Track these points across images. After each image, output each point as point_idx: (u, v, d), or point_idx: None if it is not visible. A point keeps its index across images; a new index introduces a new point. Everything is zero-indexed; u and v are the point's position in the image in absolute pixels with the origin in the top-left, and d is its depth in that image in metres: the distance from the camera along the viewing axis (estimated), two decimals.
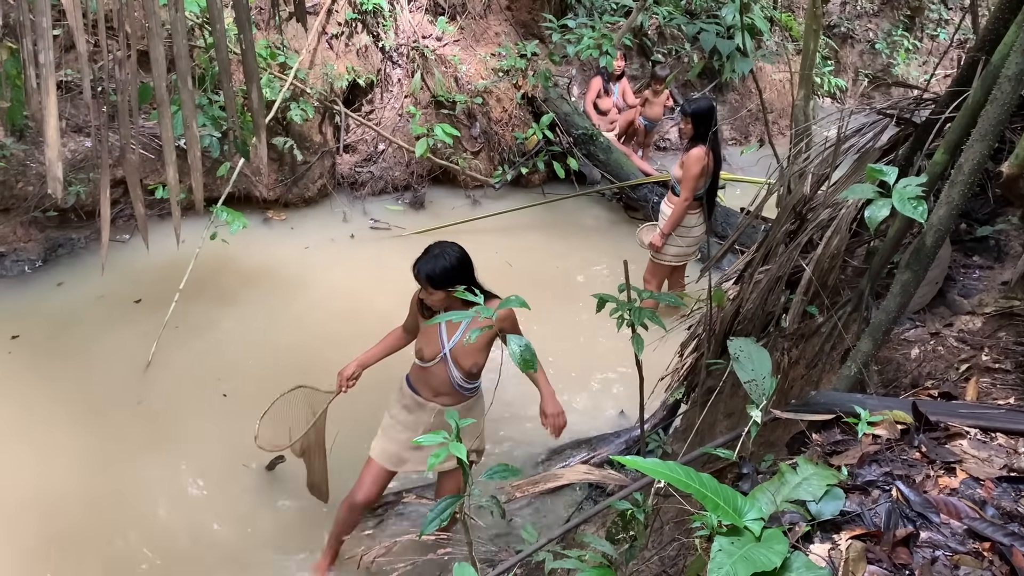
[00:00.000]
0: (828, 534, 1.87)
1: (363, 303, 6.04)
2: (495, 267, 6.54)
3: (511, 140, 8.02)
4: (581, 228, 7.50)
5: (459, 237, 6.88)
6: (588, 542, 2.57)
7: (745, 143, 9.78)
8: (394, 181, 7.73)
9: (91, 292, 5.80)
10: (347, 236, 6.99)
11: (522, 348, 2.08)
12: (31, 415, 4.61)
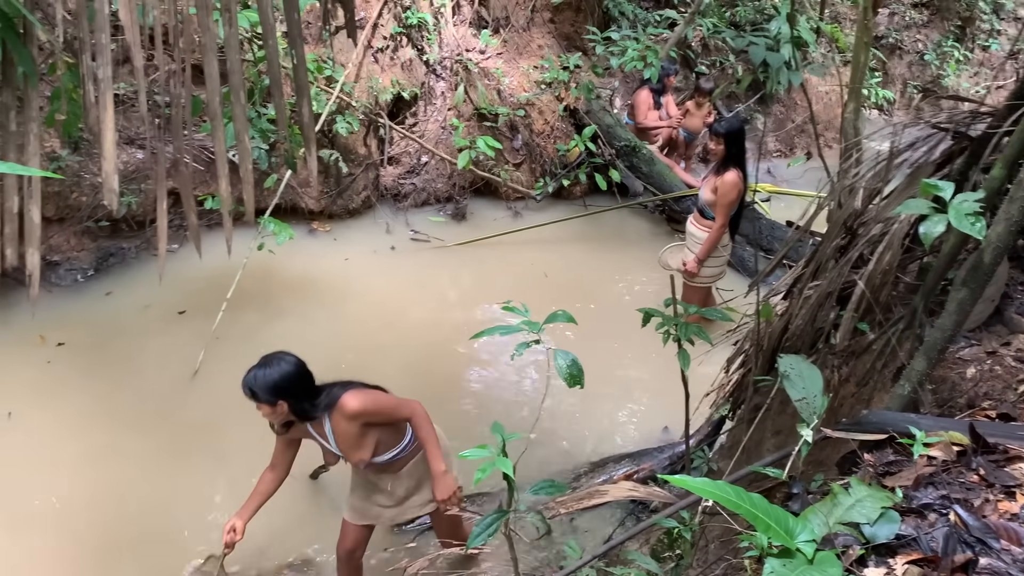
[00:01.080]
0: (883, 558, 1.83)
1: (402, 314, 6.09)
2: (532, 278, 6.54)
3: (553, 152, 8.02)
4: (623, 240, 7.47)
5: (499, 249, 7.01)
6: (633, 559, 2.54)
7: (790, 155, 9.67)
8: (436, 193, 7.77)
9: (138, 301, 5.91)
10: (388, 248, 7.05)
11: (569, 364, 2.07)
12: (79, 421, 4.71)
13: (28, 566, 3.83)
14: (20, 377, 5.04)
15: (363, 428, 3.16)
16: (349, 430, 3.13)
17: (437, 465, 3.26)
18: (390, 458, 3.30)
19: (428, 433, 3.25)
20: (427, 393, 5.13)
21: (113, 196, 2.60)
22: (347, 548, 3.58)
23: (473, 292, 6.57)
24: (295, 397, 3.07)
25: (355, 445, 3.19)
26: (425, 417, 3.26)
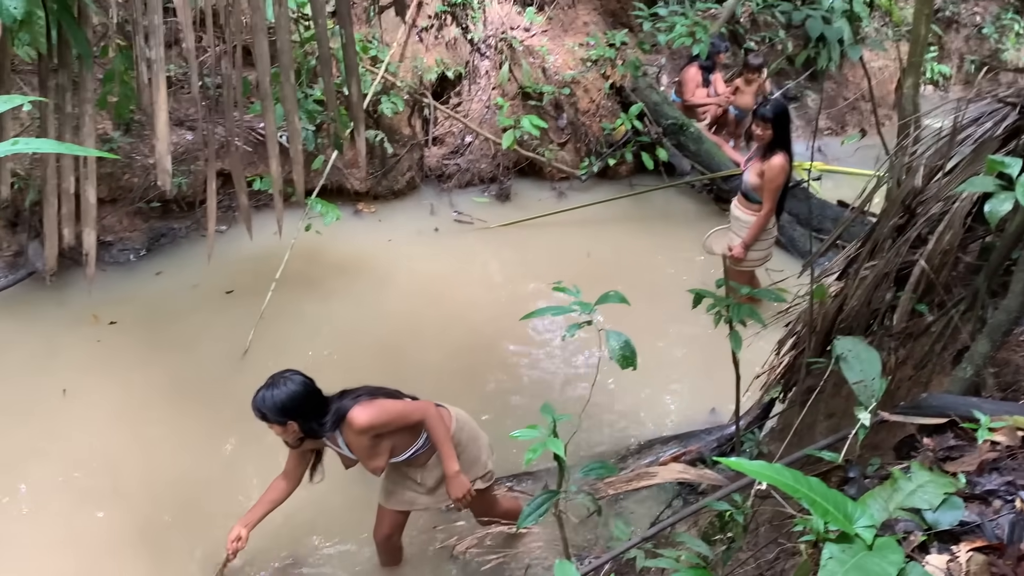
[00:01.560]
0: (946, 545, 1.78)
1: (447, 295, 6.10)
2: (577, 259, 6.49)
3: (598, 131, 7.94)
4: (670, 221, 7.38)
5: (544, 229, 6.97)
6: (683, 542, 2.52)
7: (842, 133, 9.44)
8: (480, 173, 7.75)
9: (187, 281, 6.00)
10: (432, 229, 7.06)
11: (622, 345, 2.05)
12: (132, 399, 4.80)
13: (87, 537, 3.93)
14: (74, 355, 5.16)
15: (375, 439, 3.16)
16: (361, 443, 3.13)
17: (450, 466, 3.25)
18: (410, 456, 3.30)
19: (440, 435, 3.23)
20: (472, 374, 5.18)
21: (166, 176, 2.63)
22: (384, 533, 3.62)
23: (517, 273, 6.56)
24: (303, 417, 3.07)
25: (370, 455, 3.19)
26: (436, 418, 3.24)
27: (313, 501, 3.88)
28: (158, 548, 3.89)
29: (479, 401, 4.93)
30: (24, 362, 5.04)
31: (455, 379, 5.11)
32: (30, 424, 4.55)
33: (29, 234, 5.81)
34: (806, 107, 9.46)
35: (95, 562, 3.80)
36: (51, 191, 2.81)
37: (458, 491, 3.26)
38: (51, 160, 2.83)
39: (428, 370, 5.17)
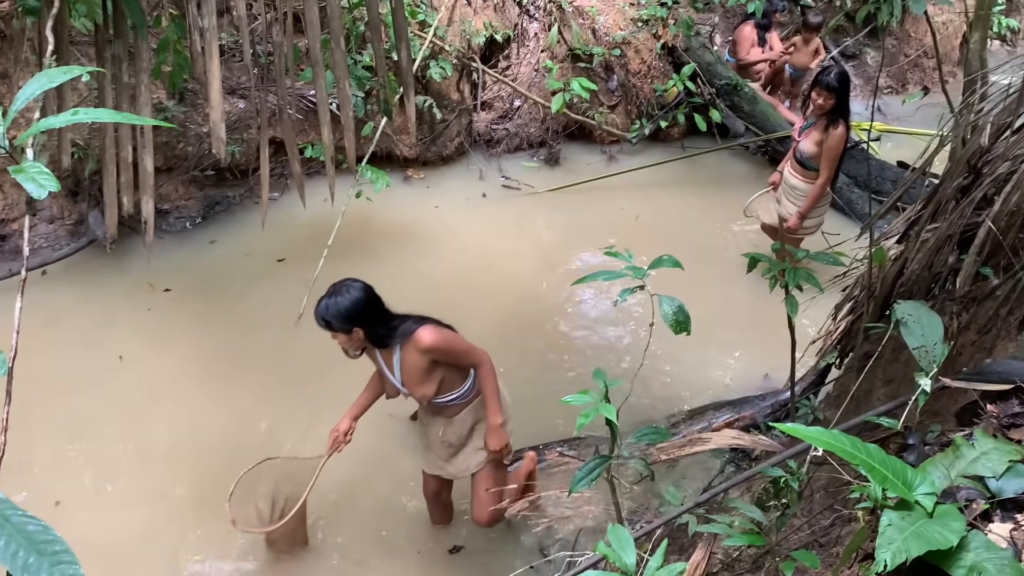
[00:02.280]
0: (1010, 513, 1.75)
1: (496, 261, 6.10)
2: (627, 224, 6.44)
3: (650, 93, 7.81)
4: (723, 184, 7.25)
5: (593, 194, 6.92)
6: (736, 507, 2.51)
7: (902, 91, 9.15)
8: (529, 138, 7.70)
9: (241, 249, 6.09)
10: (480, 195, 7.04)
11: (675, 310, 2.02)
12: (188, 365, 4.90)
13: (148, 499, 4.05)
14: (131, 322, 5.28)
15: (431, 364, 3.15)
16: (418, 364, 3.13)
17: (495, 417, 3.26)
18: (447, 401, 3.29)
19: (491, 385, 3.25)
20: (521, 340, 5.19)
21: (220, 144, 2.66)
22: (429, 491, 3.71)
23: (566, 238, 6.52)
24: (368, 323, 3.06)
25: (421, 380, 3.17)
26: (492, 368, 3.27)
27: (367, 451, 3.95)
28: (216, 510, 3.98)
29: (528, 367, 4.95)
30: (83, 329, 5.18)
31: (504, 345, 5.11)
32: (90, 390, 4.68)
33: (89, 203, 5.95)
34: (865, 65, 9.18)
35: (156, 522, 3.92)
36: (110, 160, 2.87)
37: (498, 443, 3.29)
38: (110, 130, 2.88)
39: (476, 336, 5.16)
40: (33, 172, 1.82)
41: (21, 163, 1.83)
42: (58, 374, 4.68)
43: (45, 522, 1.47)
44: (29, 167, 1.82)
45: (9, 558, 1.39)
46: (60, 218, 5.96)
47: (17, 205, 5.76)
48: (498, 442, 3.30)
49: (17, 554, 1.40)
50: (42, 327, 5.00)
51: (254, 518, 3.50)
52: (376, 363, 3.32)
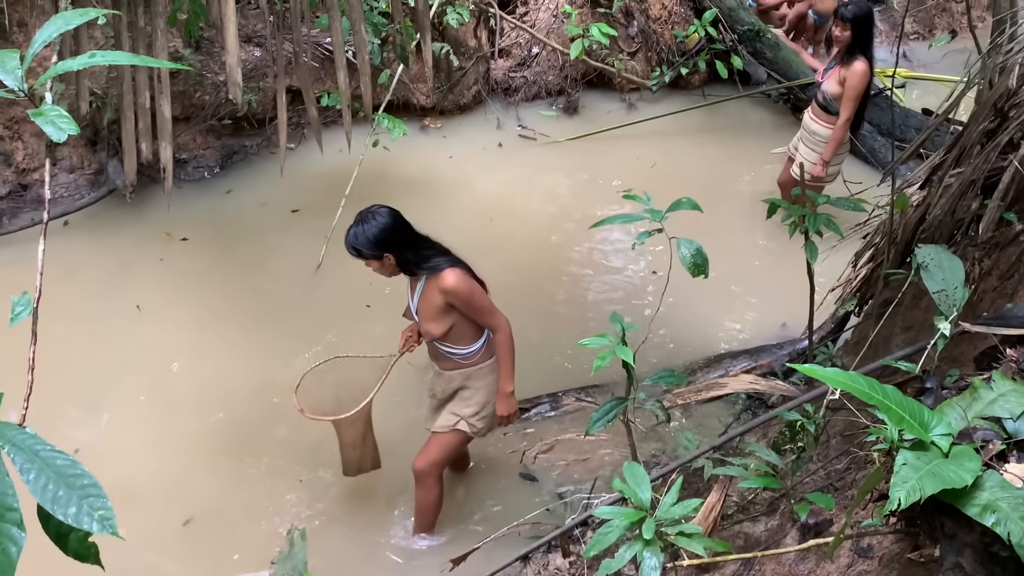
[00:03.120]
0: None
1: (511, 211, 6.09)
2: (646, 172, 6.38)
3: (670, 39, 7.67)
4: (744, 132, 7.16)
5: (612, 143, 6.86)
6: (753, 451, 2.53)
7: (929, 37, 8.93)
8: (547, 86, 7.60)
9: (257, 199, 6.10)
10: (496, 145, 6.99)
11: (693, 252, 2.02)
12: (207, 314, 4.94)
13: (171, 444, 4.11)
14: (149, 271, 5.31)
15: (447, 306, 3.12)
16: (435, 301, 3.11)
17: (506, 385, 3.24)
18: (447, 351, 3.26)
19: (507, 352, 3.21)
20: (537, 288, 5.20)
21: (237, 89, 2.66)
22: None
23: (583, 187, 6.48)
24: (398, 248, 3.07)
25: (432, 316, 3.15)
26: (510, 337, 3.21)
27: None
28: (240, 454, 4.07)
29: (543, 314, 4.97)
30: (102, 278, 5.22)
31: (519, 293, 5.12)
32: (110, 338, 4.73)
33: (108, 152, 5.97)
34: (891, 10, 8.96)
35: (179, 467, 3.99)
36: (128, 106, 2.87)
37: (507, 410, 3.27)
38: (127, 76, 2.88)
39: (493, 284, 5.19)
40: (53, 116, 1.82)
41: (40, 107, 1.84)
42: (78, 323, 4.74)
43: (74, 457, 1.51)
44: (48, 111, 1.82)
45: (40, 491, 1.43)
46: (80, 168, 5.98)
47: (37, 155, 5.79)
48: (507, 409, 3.27)
49: (47, 487, 1.44)
50: (62, 276, 5.05)
51: (320, 410, 3.46)
52: (407, 285, 3.33)
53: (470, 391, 3.30)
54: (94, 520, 1.42)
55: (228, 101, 6.32)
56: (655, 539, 1.61)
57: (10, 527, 1.40)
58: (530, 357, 4.64)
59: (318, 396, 3.47)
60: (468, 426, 3.31)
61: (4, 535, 1.40)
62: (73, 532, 1.52)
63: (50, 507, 1.42)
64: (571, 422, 3.96)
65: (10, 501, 1.42)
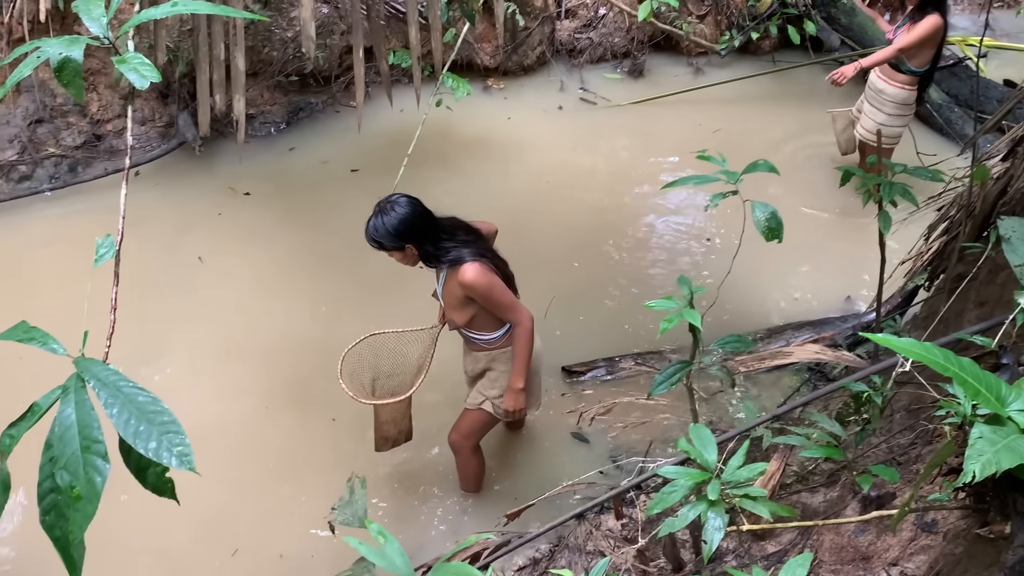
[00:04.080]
0: None
1: (570, 174, 6.06)
2: (706, 138, 6.26)
3: (741, 2, 7.48)
4: (814, 99, 6.96)
5: (676, 108, 6.75)
6: (816, 421, 2.50)
7: (1015, 4, 8.56)
8: (613, 48, 7.50)
9: (318, 157, 6.17)
10: (556, 107, 6.92)
11: (768, 216, 1.98)
12: (268, 267, 5.01)
13: (236, 392, 4.22)
14: (211, 224, 5.42)
15: (467, 299, 3.07)
16: (455, 292, 3.06)
17: (516, 380, 3.16)
18: (471, 337, 3.24)
19: (523, 347, 3.12)
20: (593, 252, 5.18)
21: (310, 42, 2.67)
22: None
23: (643, 151, 6.39)
24: (419, 239, 2.97)
25: (454, 306, 3.12)
26: (530, 331, 3.12)
27: None
28: (300, 405, 4.15)
29: (599, 278, 4.95)
30: (166, 229, 5.32)
31: (576, 258, 5.13)
32: (171, 288, 4.84)
33: (179, 105, 6.08)
34: None
35: (245, 414, 4.10)
36: (203, 58, 2.91)
37: (514, 405, 3.22)
38: (203, 28, 2.92)
39: (550, 249, 5.20)
40: (135, 63, 1.86)
41: (123, 55, 1.88)
42: (141, 272, 4.86)
43: (154, 394, 1.56)
44: (131, 58, 1.86)
45: (122, 425, 1.48)
46: (151, 120, 6.11)
47: (111, 107, 5.93)
48: (514, 404, 3.21)
49: (129, 422, 1.49)
50: (129, 225, 5.14)
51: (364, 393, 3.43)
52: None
53: (496, 373, 3.27)
54: (173, 455, 1.47)
55: (295, 57, 6.38)
56: (720, 500, 1.61)
57: (95, 458, 1.46)
58: (585, 320, 4.67)
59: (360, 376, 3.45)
60: (492, 407, 3.29)
61: (90, 465, 1.46)
62: (152, 466, 1.57)
63: (132, 441, 1.48)
64: (628, 386, 3.96)
65: (95, 434, 1.48)
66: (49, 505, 1.45)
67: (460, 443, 3.49)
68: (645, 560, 2.87)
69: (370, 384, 3.48)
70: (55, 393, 1.50)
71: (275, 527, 3.60)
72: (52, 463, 1.45)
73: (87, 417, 1.48)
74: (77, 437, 1.46)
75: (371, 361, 3.51)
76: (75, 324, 1.79)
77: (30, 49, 1.82)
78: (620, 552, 3.03)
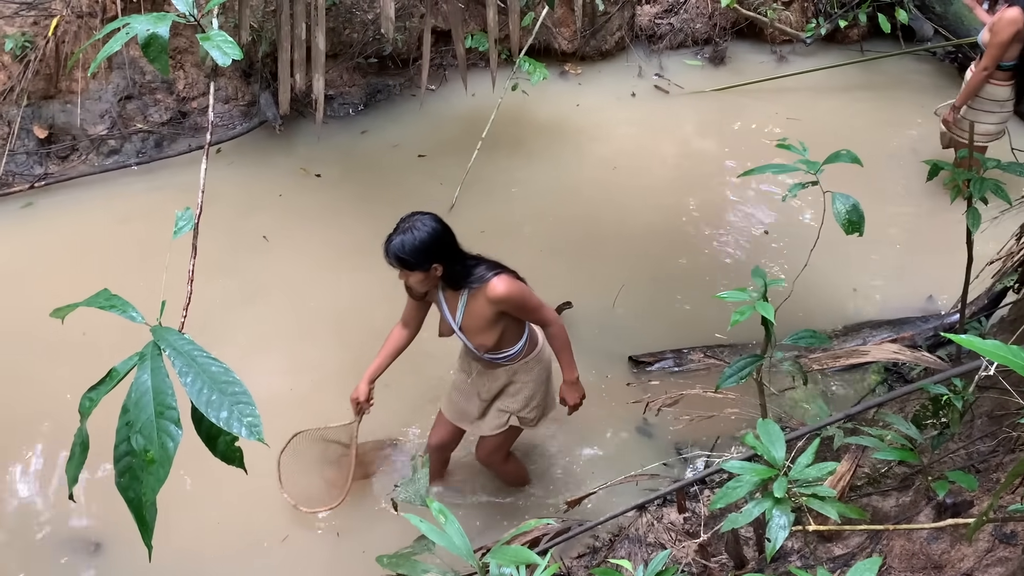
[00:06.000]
0: None
1: (637, 161, 5.98)
2: (790, 129, 6.10)
3: None
4: (902, 91, 6.73)
5: (754, 96, 6.60)
6: (891, 423, 2.42)
7: None
8: (694, 34, 7.36)
9: (389, 140, 6.19)
10: (629, 94, 6.83)
11: (849, 208, 1.91)
12: (339, 248, 5.03)
13: (306, 367, 4.27)
14: (279, 204, 5.48)
15: (498, 315, 2.93)
16: (485, 312, 2.91)
17: (570, 373, 3.10)
18: (497, 358, 3.10)
19: (563, 341, 3.05)
20: (656, 241, 5.10)
21: (389, 23, 2.69)
22: (436, 442, 3.52)
23: (715, 141, 6.28)
24: (448, 259, 2.83)
25: (483, 329, 2.96)
26: (563, 326, 3.06)
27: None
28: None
29: (665, 268, 4.89)
30: (239, 206, 5.40)
31: (639, 244, 5.06)
32: (241, 266, 4.89)
33: (260, 85, 6.21)
34: None
35: (307, 391, 4.14)
36: (284, 37, 2.96)
37: (575, 396, 3.16)
38: (285, 7, 2.97)
39: (621, 239, 5.15)
40: (218, 40, 1.90)
41: (208, 32, 1.92)
42: (210, 249, 4.95)
43: (227, 365, 1.60)
44: (215, 35, 1.90)
45: (195, 394, 1.52)
46: (234, 99, 6.26)
47: (196, 84, 6.09)
48: (574, 397, 3.16)
49: (202, 391, 1.53)
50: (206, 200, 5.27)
51: (315, 489, 3.53)
52: (435, 303, 3.11)
53: (517, 386, 3.17)
54: (243, 426, 1.51)
55: (375, 39, 6.45)
56: (786, 498, 1.57)
57: (169, 424, 1.50)
58: (653, 310, 4.61)
59: (305, 472, 3.53)
60: (519, 420, 3.22)
61: (163, 431, 1.50)
62: (222, 435, 1.61)
63: (204, 409, 1.51)
64: (696, 379, 3.90)
65: (169, 400, 1.52)
66: (124, 467, 1.50)
67: (489, 459, 3.43)
68: (706, 555, 2.83)
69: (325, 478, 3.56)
70: (132, 360, 1.55)
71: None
72: (128, 427, 1.50)
73: (162, 384, 1.52)
74: (152, 403, 1.50)
75: (312, 455, 3.56)
76: (153, 295, 1.84)
77: (120, 25, 1.87)
78: (681, 546, 3.00)
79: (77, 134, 5.77)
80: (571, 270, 4.83)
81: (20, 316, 4.30)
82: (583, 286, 4.64)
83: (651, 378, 4.09)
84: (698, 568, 2.81)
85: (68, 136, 5.77)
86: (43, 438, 3.91)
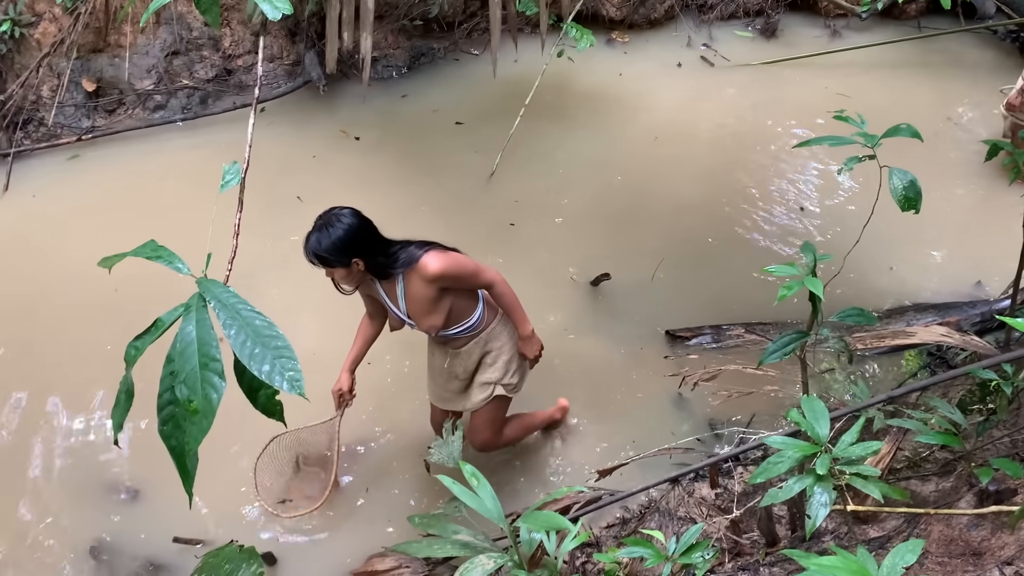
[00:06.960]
0: None
1: (679, 132, 5.88)
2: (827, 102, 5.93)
3: None
4: (959, 69, 6.52)
5: (803, 71, 6.47)
6: (936, 407, 2.37)
7: None
8: (746, 5, 7.18)
9: (429, 105, 6.13)
10: (675, 64, 6.70)
11: (906, 184, 1.86)
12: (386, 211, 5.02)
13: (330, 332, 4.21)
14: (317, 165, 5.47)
15: (440, 292, 2.89)
16: (425, 293, 2.87)
17: (524, 327, 3.06)
18: (455, 333, 3.05)
19: (511, 298, 3.01)
20: (697, 214, 5.03)
21: None
22: (436, 421, 3.53)
23: (760, 114, 6.09)
24: (369, 252, 2.79)
25: (428, 310, 2.91)
26: (506, 283, 3.01)
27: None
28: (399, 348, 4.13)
29: (704, 242, 4.83)
30: (278, 165, 5.34)
31: (678, 217, 5.00)
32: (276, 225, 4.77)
33: (306, 44, 6.19)
34: None
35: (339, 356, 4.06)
36: None
37: (534, 350, 3.13)
38: None
39: (653, 207, 5.09)
40: None
41: None
42: (247, 208, 4.93)
43: (270, 319, 1.60)
44: None
45: (239, 346, 1.53)
46: (279, 58, 6.26)
47: (242, 42, 6.09)
48: (532, 350, 3.13)
49: (245, 344, 1.54)
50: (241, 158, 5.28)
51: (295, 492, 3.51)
52: (377, 296, 3.06)
53: (492, 355, 3.14)
54: (284, 380, 1.51)
55: (421, 1, 6.39)
56: (828, 476, 1.54)
57: (212, 375, 1.51)
58: (693, 284, 4.55)
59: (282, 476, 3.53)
60: (503, 389, 3.18)
61: (207, 382, 1.51)
62: (263, 388, 1.62)
63: (247, 362, 1.52)
64: (735, 355, 3.85)
65: (213, 352, 1.53)
66: (167, 416, 1.52)
67: (489, 441, 3.35)
68: (738, 531, 2.81)
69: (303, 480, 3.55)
70: (178, 311, 1.56)
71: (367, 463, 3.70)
72: (172, 376, 1.51)
73: (207, 335, 1.53)
74: (196, 354, 1.51)
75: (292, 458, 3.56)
76: (195, 250, 1.84)
77: None
78: (712, 521, 2.99)
79: (124, 88, 5.83)
80: (609, 242, 4.79)
81: (68, 263, 4.40)
82: (622, 258, 4.60)
83: (689, 352, 4.06)
84: (729, 544, 2.79)
85: (115, 90, 5.82)
86: (91, 384, 3.99)
